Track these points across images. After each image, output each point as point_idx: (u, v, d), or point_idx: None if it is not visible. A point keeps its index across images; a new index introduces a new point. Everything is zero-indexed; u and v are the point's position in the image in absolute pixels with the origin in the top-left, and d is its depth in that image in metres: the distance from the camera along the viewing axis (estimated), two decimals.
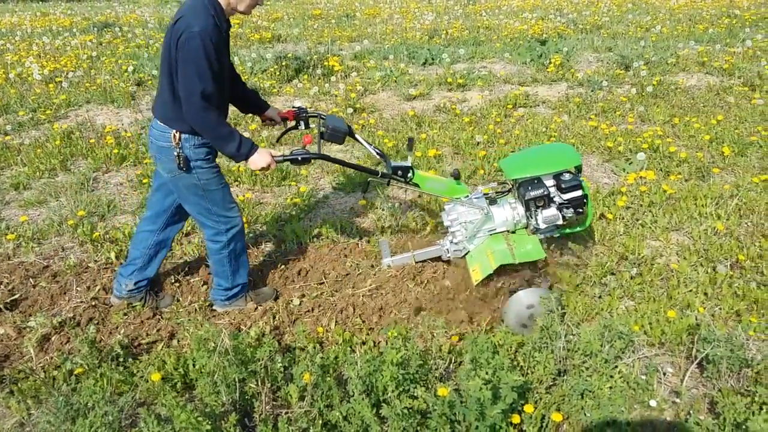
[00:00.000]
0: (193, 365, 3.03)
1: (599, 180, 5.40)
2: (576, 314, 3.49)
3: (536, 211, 3.47)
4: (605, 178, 5.46)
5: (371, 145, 3.63)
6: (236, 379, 2.76)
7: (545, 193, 3.43)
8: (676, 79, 8.30)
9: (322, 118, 3.49)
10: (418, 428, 2.54)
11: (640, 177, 5.22)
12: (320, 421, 2.63)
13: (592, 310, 3.54)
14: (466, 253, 3.74)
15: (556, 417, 2.63)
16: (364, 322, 3.57)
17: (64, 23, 14.40)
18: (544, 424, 2.66)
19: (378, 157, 3.64)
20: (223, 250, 3.50)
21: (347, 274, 4.05)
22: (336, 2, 17.81)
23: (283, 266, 4.13)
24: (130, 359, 3.21)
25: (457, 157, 5.95)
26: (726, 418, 2.63)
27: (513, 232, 3.61)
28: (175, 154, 3.14)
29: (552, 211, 3.46)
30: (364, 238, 4.48)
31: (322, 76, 8.77)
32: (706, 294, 3.67)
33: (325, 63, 9.16)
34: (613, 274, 3.91)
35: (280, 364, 2.95)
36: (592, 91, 7.96)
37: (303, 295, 3.85)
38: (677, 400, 2.86)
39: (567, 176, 3.44)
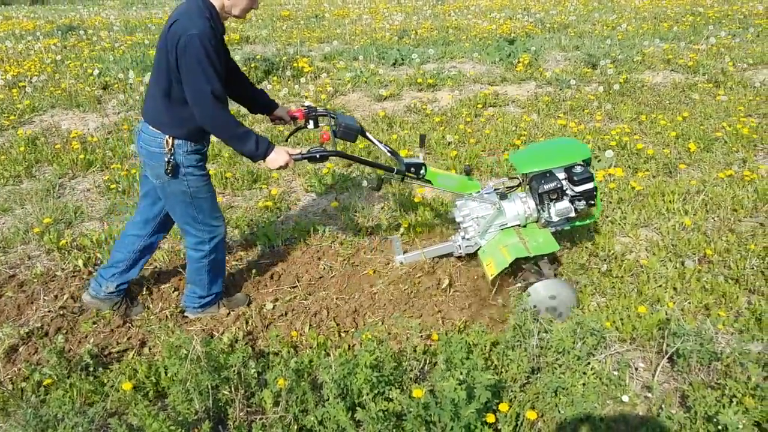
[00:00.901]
0: (165, 373, 2.99)
1: None
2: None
3: (549, 204, 3.52)
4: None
5: (382, 143, 3.62)
6: (209, 386, 2.73)
7: (558, 185, 3.48)
8: (642, 77, 8.43)
9: (333, 117, 3.48)
10: (394, 430, 2.53)
11: (609, 174, 5.29)
12: (295, 427, 2.62)
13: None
14: (478, 249, 3.76)
15: (531, 415, 2.65)
16: (338, 325, 3.55)
17: (28, 27, 14.12)
18: (518, 423, 2.67)
19: (389, 155, 3.64)
20: (204, 259, 3.46)
21: (320, 277, 4.04)
22: (305, 3, 17.75)
23: (255, 270, 4.09)
24: (100, 369, 3.16)
25: (429, 157, 5.96)
26: (697, 412, 2.67)
27: (524, 227, 3.66)
28: (166, 160, 3.09)
29: (565, 203, 3.52)
30: (337, 240, 4.46)
31: (292, 77, 8.73)
32: (675, 289, 3.72)
33: (295, 64, 9.12)
34: (584, 271, 3.95)
35: (254, 370, 2.93)
36: (560, 89, 8.05)
37: (276, 299, 3.82)
38: (649, 395, 2.90)
39: (579, 169, 3.50)
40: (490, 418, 2.56)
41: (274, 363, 3.04)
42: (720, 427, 2.52)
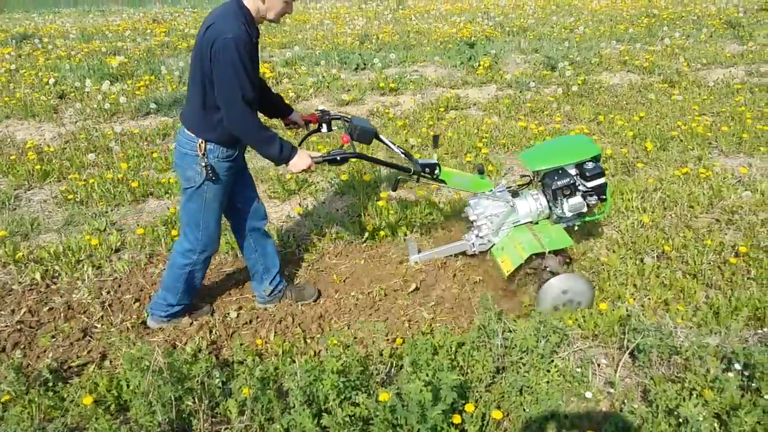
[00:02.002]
0: (127, 386, 2.93)
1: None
2: (513, 311, 3.54)
3: (563, 200, 3.60)
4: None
5: (395, 145, 3.64)
6: (172, 398, 2.68)
7: (572, 182, 3.58)
8: (599, 78, 8.58)
9: (347, 121, 3.53)
10: None
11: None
12: None
13: (529, 306, 3.61)
14: (491, 247, 3.82)
15: (497, 414, 2.67)
16: (304, 331, 3.53)
17: None
18: (484, 423, 2.69)
19: (403, 156, 3.65)
20: (187, 267, 3.45)
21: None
22: None
23: (218, 279, 4.05)
24: (59, 383, 3.08)
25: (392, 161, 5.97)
26: (658, 405, 2.71)
27: (535, 223, 3.73)
28: (203, 164, 3.13)
29: (578, 199, 3.62)
30: (301, 246, 4.44)
31: None
32: (635, 285, 3.79)
33: None
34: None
35: (218, 380, 2.89)
36: (520, 92, 8.14)
37: (240, 308, 3.78)
38: (612, 390, 2.94)
39: (590, 165, 3.60)
40: (456, 418, 2.57)
41: (238, 372, 3.00)
42: (681, 420, 2.57)
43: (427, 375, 2.66)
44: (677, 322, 3.34)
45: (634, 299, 3.59)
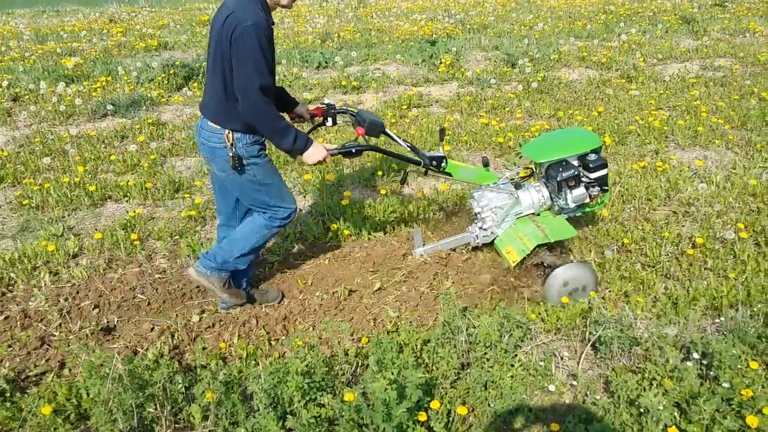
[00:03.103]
0: (87, 394, 2.87)
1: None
2: (477, 307, 3.57)
3: (567, 191, 3.68)
4: (498, 173, 5.62)
5: (401, 138, 3.64)
6: (133, 405, 2.64)
7: (576, 173, 3.65)
8: (559, 74, 8.67)
9: (353, 115, 3.58)
10: None
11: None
12: None
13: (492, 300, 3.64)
14: (494, 239, 3.86)
15: (462, 410, 2.68)
16: (268, 333, 3.50)
17: None
18: (450, 419, 2.70)
19: (409, 149, 3.66)
20: (265, 229, 3.46)
21: None
22: None
23: (179, 283, 3.99)
24: (17, 393, 3.00)
25: (356, 159, 5.95)
26: (620, 396, 2.76)
27: (537, 215, 3.80)
28: (230, 154, 3.13)
29: (581, 190, 3.70)
30: (264, 247, 4.39)
31: None
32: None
33: None
34: None
35: (181, 385, 2.86)
36: (481, 89, 8.19)
37: (203, 311, 3.73)
38: (574, 383, 2.98)
39: (593, 156, 3.69)
40: (422, 416, 2.58)
41: (201, 376, 2.96)
42: (642, 410, 2.62)
43: (393, 373, 2.66)
44: (637, 314, 3.40)
45: (595, 292, 3.63)
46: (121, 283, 4.00)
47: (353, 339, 3.38)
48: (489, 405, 2.77)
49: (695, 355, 2.90)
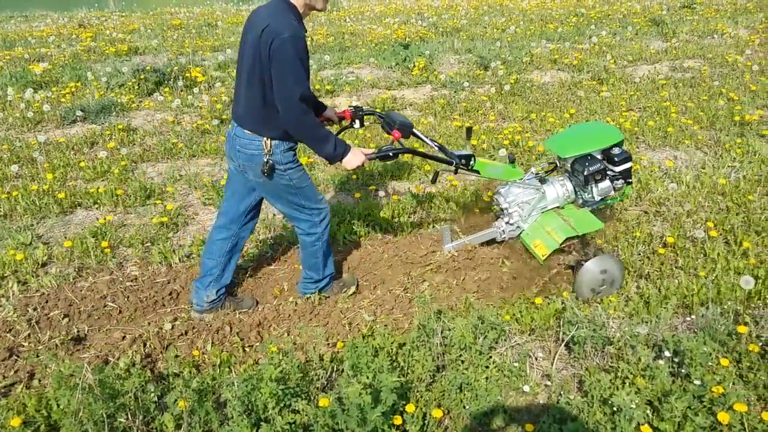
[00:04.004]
0: (57, 405, 2.82)
1: (466, 178, 5.57)
2: (451, 310, 3.57)
3: (593, 184, 3.76)
4: (471, 175, 5.63)
5: (429, 138, 3.64)
6: (104, 415, 2.59)
7: (602, 167, 3.72)
8: (531, 77, 8.75)
9: (381, 117, 3.61)
10: None
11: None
12: None
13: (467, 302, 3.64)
14: (520, 233, 3.92)
15: (437, 413, 2.68)
16: (242, 340, 3.47)
17: None
18: (425, 422, 2.69)
19: (437, 149, 3.66)
20: (317, 242, 3.61)
21: None
22: (196, 11, 17.29)
23: (150, 290, 3.94)
24: None
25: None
26: (593, 395, 2.78)
27: (561, 208, 3.88)
28: (265, 160, 3.19)
29: (606, 183, 3.79)
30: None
31: (185, 87, 8.48)
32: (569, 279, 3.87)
33: (187, 74, 8.86)
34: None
35: (153, 394, 2.82)
36: (454, 91, 8.23)
37: (175, 319, 3.68)
38: (549, 383, 3.00)
39: (617, 150, 3.77)
40: (397, 420, 2.57)
41: (174, 385, 2.93)
42: (615, 409, 2.64)
43: (368, 378, 2.65)
44: (610, 313, 3.43)
45: (569, 292, 3.66)
46: (91, 292, 3.94)
47: (328, 344, 3.36)
48: (464, 407, 2.77)
49: (667, 354, 2.93)
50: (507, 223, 3.95)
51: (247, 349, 3.40)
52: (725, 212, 4.62)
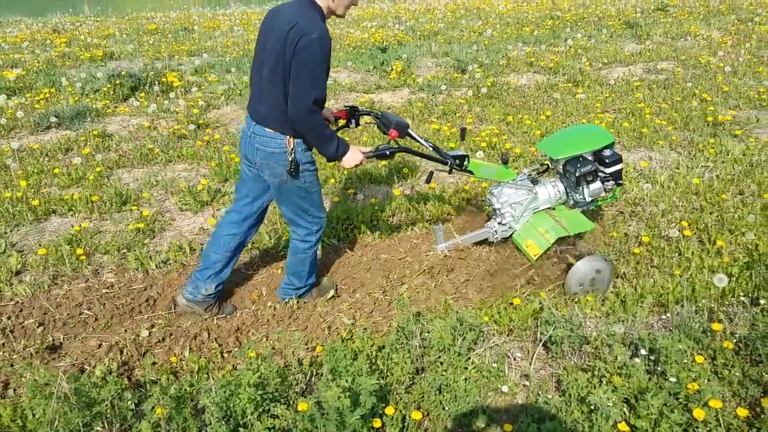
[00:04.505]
0: (33, 415, 2.77)
1: (444, 180, 5.59)
2: (430, 312, 3.57)
3: (584, 185, 3.81)
4: (450, 177, 5.67)
5: (424, 139, 3.65)
6: (80, 424, 2.56)
7: (593, 168, 3.78)
8: (507, 80, 8.81)
9: (377, 117, 3.65)
10: None
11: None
12: None
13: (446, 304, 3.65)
14: (512, 233, 3.96)
15: (416, 415, 2.68)
16: (220, 345, 3.44)
17: None
18: (405, 425, 2.69)
19: (432, 149, 3.67)
20: (309, 250, 3.64)
21: None
22: (173, 16, 17.18)
23: (127, 297, 3.90)
24: None
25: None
26: (571, 394, 2.80)
27: (553, 209, 3.94)
28: (289, 159, 3.22)
29: (598, 184, 3.85)
30: None
31: (161, 92, 8.42)
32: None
33: (163, 79, 8.80)
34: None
35: (130, 401, 2.78)
36: (432, 95, 8.26)
37: (152, 326, 3.65)
38: (527, 383, 3.01)
39: (608, 152, 3.84)
40: (377, 422, 2.57)
41: (151, 392, 2.89)
42: (592, 407, 2.66)
43: (347, 381, 2.65)
44: (587, 313, 3.46)
45: (546, 293, 3.68)
46: (66, 300, 3.89)
47: (307, 348, 3.35)
48: (443, 408, 2.78)
49: (643, 352, 2.97)
50: (499, 223, 3.99)
51: (226, 355, 3.38)
52: (699, 211, 4.69)
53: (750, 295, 3.57)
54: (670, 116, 6.83)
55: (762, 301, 3.35)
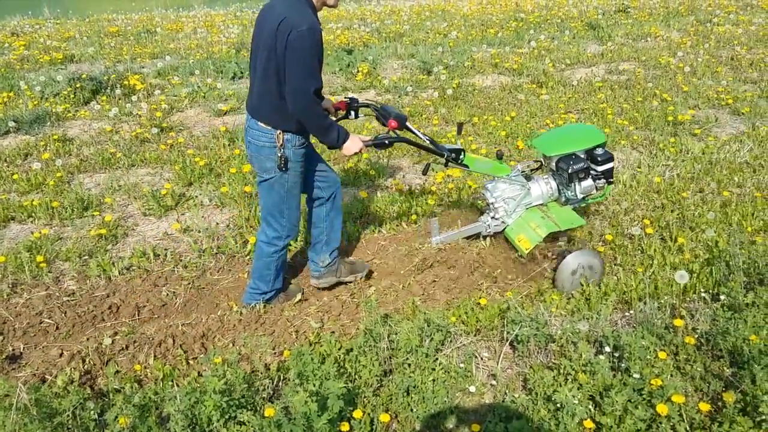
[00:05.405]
0: None
1: (411, 181, 5.61)
2: (398, 313, 3.57)
3: (576, 183, 3.87)
4: (416, 179, 5.68)
5: (420, 132, 3.70)
6: None
7: (586, 166, 3.83)
8: (473, 81, 8.86)
9: (376, 109, 3.72)
10: None
11: (448, 175, 5.50)
12: None
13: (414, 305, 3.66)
14: (505, 228, 4.02)
15: (384, 418, 2.67)
16: (185, 352, 3.39)
17: None
18: (373, 427, 2.69)
19: (429, 143, 3.72)
20: (275, 254, 3.63)
21: (164, 305, 3.85)
22: (135, 18, 16.91)
23: (89, 305, 3.82)
24: None
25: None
26: (537, 393, 2.82)
27: (545, 205, 3.99)
28: (279, 155, 3.27)
29: (589, 182, 3.91)
30: (181, 264, 4.28)
31: (123, 96, 8.28)
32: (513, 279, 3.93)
33: (125, 82, 8.66)
34: (431, 267, 4.06)
35: (93, 411, 2.73)
36: (398, 96, 8.27)
37: (116, 333, 3.57)
38: (494, 382, 3.03)
39: (600, 150, 3.90)
40: (344, 426, 2.56)
41: (115, 401, 2.84)
42: (558, 405, 2.68)
43: (314, 385, 2.63)
44: (552, 311, 3.49)
45: (512, 292, 3.71)
46: (26, 308, 3.80)
47: (275, 353, 3.32)
48: (412, 410, 2.78)
49: (607, 349, 3.00)
50: (492, 217, 4.04)
51: (191, 362, 3.33)
52: (661, 209, 4.77)
53: (710, 291, 3.64)
54: (632, 116, 6.95)
55: (722, 297, 3.41)
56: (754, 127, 6.55)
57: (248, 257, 4.36)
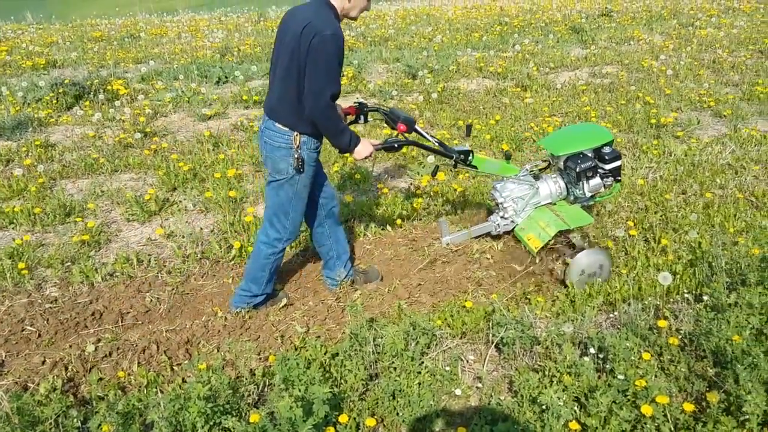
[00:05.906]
0: None
1: (397, 185, 5.61)
2: (384, 317, 3.57)
3: (585, 181, 3.90)
4: (402, 182, 5.69)
5: (429, 134, 3.73)
6: None
7: (593, 164, 3.87)
8: (458, 85, 8.89)
9: (385, 113, 3.76)
10: None
11: (433, 178, 5.50)
12: None
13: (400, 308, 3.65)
14: (514, 227, 4.04)
15: (370, 422, 2.66)
16: (170, 359, 3.36)
17: None
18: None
19: (437, 145, 3.76)
20: (272, 256, 3.64)
21: (147, 311, 3.82)
22: (118, 23, 16.82)
23: (72, 311, 3.78)
24: None
25: (259, 174, 5.87)
26: (523, 395, 2.82)
27: (554, 204, 4.03)
28: (295, 156, 3.31)
29: (597, 180, 3.94)
30: (165, 269, 4.25)
31: (106, 101, 8.23)
32: (499, 281, 3.93)
33: (109, 87, 8.60)
34: (417, 272, 4.06)
35: (76, 419, 2.70)
36: (384, 100, 8.28)
37: (99, 340, 3.54)
38: (480, 385, 3.03)
39: (607, 149, 3.92)
40: (330, 431, 2.54)
41: (98, 409, 2.80)
42: (543, 407, 2.69)
43: (300, 390, 2.61)
44: (537, 314, 3.50)
45: (498, 294, 3.71)
46: (8, 316, 3.76)
47: (260, 358, 3.31)
48: (397, 414, 2.77)
49: (592, 350, 3.01)
50: (502, 217, 4.07)
51: (176, 368, 3.31)
52: (644, 211, 4.80)
53: (694, 292, 3.67)
54: (615, 119, 6.99)
55: (705, 298, 3.44)
56: (736, 129, 6.62)
57: (233, 262, 4.34)
